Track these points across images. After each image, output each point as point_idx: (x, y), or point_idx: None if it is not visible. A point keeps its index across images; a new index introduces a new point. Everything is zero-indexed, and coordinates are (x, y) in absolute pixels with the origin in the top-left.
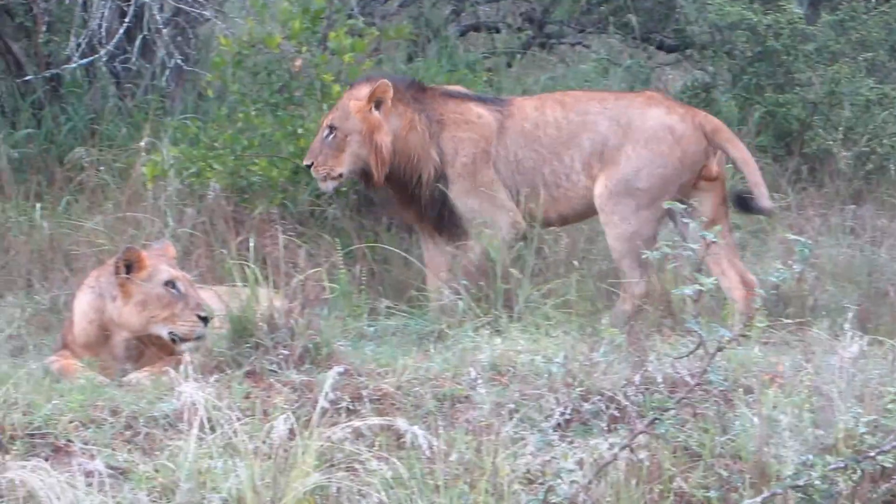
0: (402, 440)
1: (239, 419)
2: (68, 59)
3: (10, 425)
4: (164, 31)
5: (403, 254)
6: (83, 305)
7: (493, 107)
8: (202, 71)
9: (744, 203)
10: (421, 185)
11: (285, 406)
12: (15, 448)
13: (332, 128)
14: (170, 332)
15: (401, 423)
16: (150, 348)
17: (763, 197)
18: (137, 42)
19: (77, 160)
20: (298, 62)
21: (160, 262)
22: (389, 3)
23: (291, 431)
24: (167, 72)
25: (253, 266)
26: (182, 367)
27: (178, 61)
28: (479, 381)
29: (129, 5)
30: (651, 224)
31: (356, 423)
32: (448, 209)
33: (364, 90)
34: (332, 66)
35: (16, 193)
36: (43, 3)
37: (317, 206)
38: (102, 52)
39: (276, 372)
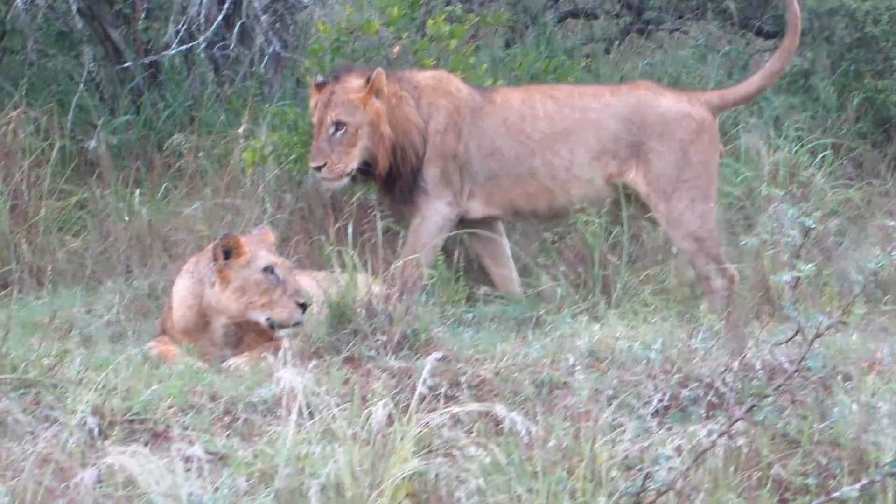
0: (501, 426)
1: (337, 405)
2: (167, 46)
3: (109, 411)
4: (263, 17)
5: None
6: (182, 291)
7: (475, 89)
8: (300, 57)
9: None
10: (408, 156)
11: (384, 392)
12: (114, 433)
13: (339, 123)
14: (268, 318)
15: (499, 409)
16: (249, 334)
17: None
18: (236, 29)
19: (176, 147)
20: (397, 49)
21: (259, 249)
22: None
23: (390, 417)
24: (266, 58)
25: (352, 252)
26: (281, 353)
27: (277, 48)
28: (578, 368)
29: None
30: (710, 216)
31: (454, 409)
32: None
33: (355, 81)
34: (430, 53)
35: (115, 180)
36: None
37: None
38: (201, 38)
39: (374, 358)
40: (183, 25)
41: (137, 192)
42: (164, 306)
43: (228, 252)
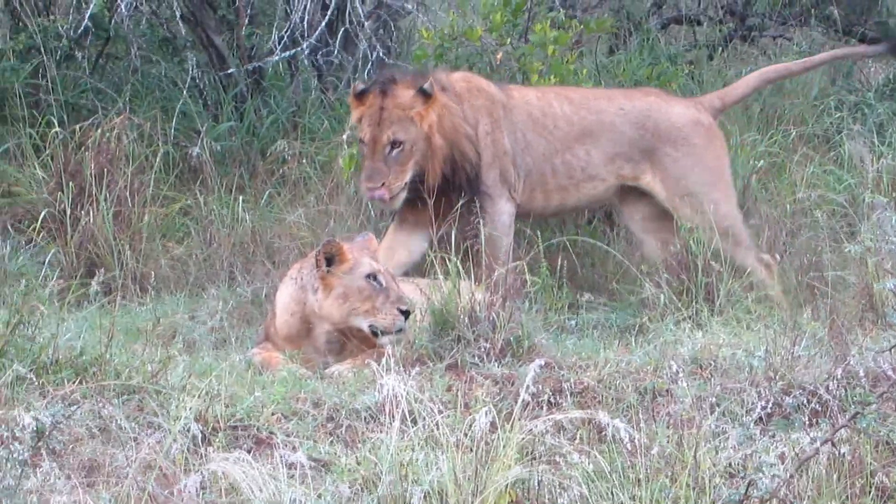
0: (604, 433)
1: (440, 412)
2: (270, 52)
3: (213, 417)
4: (366, 23)
5: (605, 246)
6: (285, 298)
7: (494, 83)
8: (404, 64)
9: None
10: (462, 166)
11: (486, 399)
12: (217, 440)
13: (395, 142)
14: (370, 325)
15: (602, 416)
16: (352, 341)
17: None
18: (339, 35)
19: (279, 153)
20: (499, 55)
21: (362, 255)
22: None
23: (493, 424)
24: (369, 65)
25: (454, 259)
26: (384, 360)
27: (380, 54)
28: (681, 375)
29: None
30: (736, 210)
31: (557, 416)
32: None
33: (407, 92)
34: (533, 59)
35: (218, 186)
36: None
37: None
38: (304, 44)
39: (477, 365)
40: (286, 31)
41: (241, 198)
42: (267, 313)
43: (331, 259)
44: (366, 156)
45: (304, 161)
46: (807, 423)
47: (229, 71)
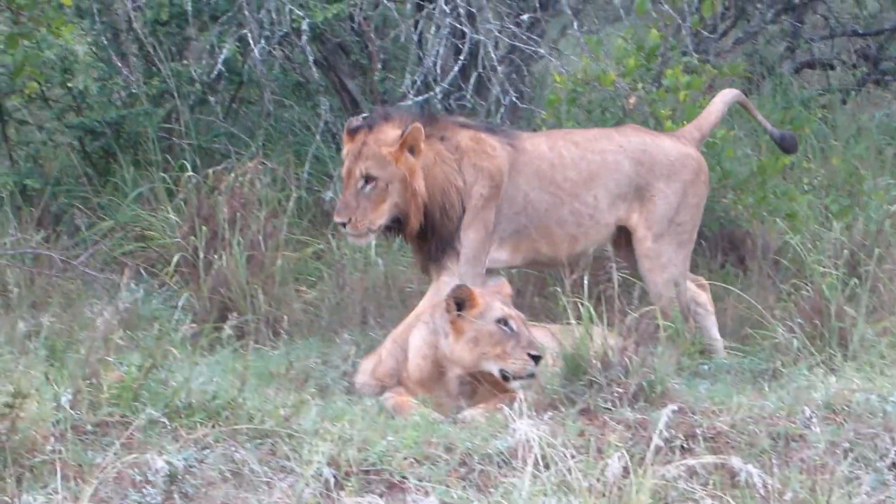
0: (737, 479)
1: (573, 456)
2: (403, 97)
3: (345, 461)
4: (499, 68)
5: (738, 291)
6: (418, 341)
7: (505, 140)
8: (537, 108)
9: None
10: (446, 218)
11: (619, 444)
12: (350, 484)
13: (368, 178)
14: (500, 370)
15: (735, 461)
16: (484, 385)
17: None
18: (472, 79)
19: None
20: (633, 99)
21: (494, 300)
22: (724, 41)
23: (625, 469)
24: (502, 109)
25: (587, 304)
26: (516, 404)
27: (513, 98)
28: (814, 420)
29: (464, 42)
30: (687, 260)
31: (690, 461)
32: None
33: (390, 133)
34: (666, 103)
35: None
36: (378, 41)
37: None
38: (437, 89)
39: (610, 409)
40: (419, 76)
41: (373, 242)
42: (400, 357)
43: (461, 303)
44: (342, 190)
45: None
46: None
47: (362, 115)
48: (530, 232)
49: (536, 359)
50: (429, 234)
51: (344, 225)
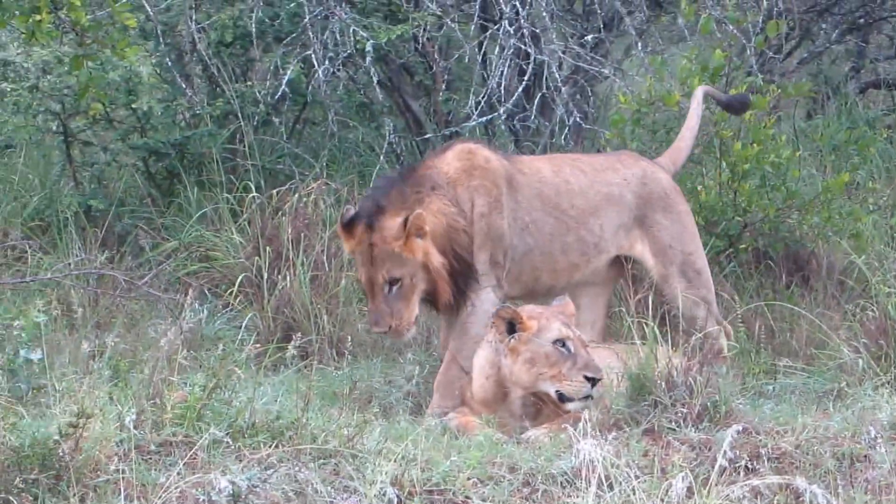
0: (801, 499)
1: (637, 477)
2: (467, 117)
3: (408, 481)
4: (563, 88)
5: (803, 311)
6: (481, 361)
7: (499, 154)
8: (601, 129)
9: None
10: (462, 262)
11: (683, 464)
12: None
13: (392, 280)
14: (557, 391)
15: (799, 482)
16: (548, 405)
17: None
18: (536, 100)
19: None
20: None
21: (553, 320)
22: (788, 61)
23: (689, 490)
24: (566, 129)
25: (651, 324)
26: (580, 425)
27: (577, 119)
28: (879, 440)
29: (528, 63)
30: (710, 278)
31: (754, 481)
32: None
33: (392, 224)
34: (730, 124)
35: None
36: (442, 62)
37: (716, 264)
38: (501, 109)
39: (674, 430)
40: (483, 97)
41: None
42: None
43: (512, 324)
44: (366, 296)
45: None
46: None
47: (426, 136)
48: (534, 257)
49: (593, 381)
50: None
51: (385, 333)
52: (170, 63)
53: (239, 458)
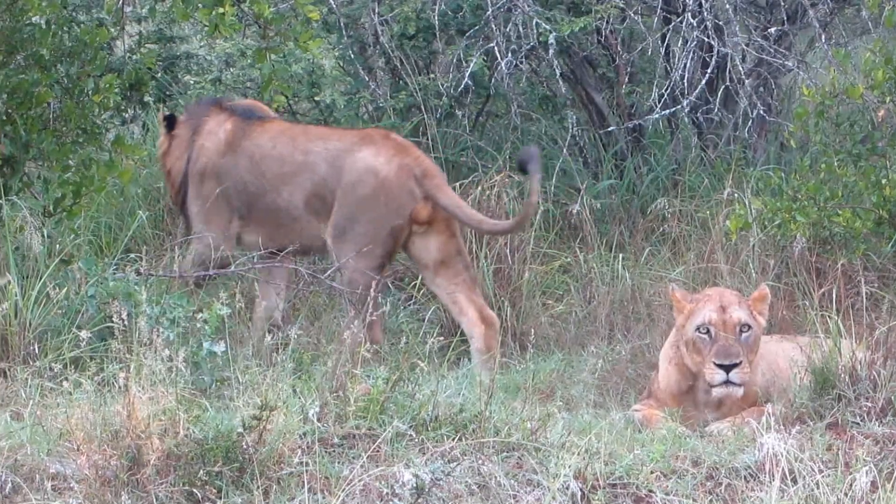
0: None
1: (820, 471)
2: (650, 110)
3: (591, 475)
4: (747, 81)
5: None
6: (667, 351)
7: (245, 122)
8: (784, 122)
9: None
10: None
11: (867, 458)
12: (596, 498)
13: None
14: (705, 379)
15: None
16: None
17: (493, 227)
18: (719, 92)
19: (659, 211)
20: (882, 112)
21: (707, 305)
22: None
23: (873, 484)
24: (749, 122)
25: (835, 317)
26: (763, 418)
27: (761, 112)
28: None
29: (711, 56)
30: (371, 268)
31: None
32: None
33: None
34: None
35: (598, 244)
36: (625, 55)
37: None
38: (685, 102)
39: (858, 424)
40: (666, 90)
41: (620, 256)
42: (654, 370)
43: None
44: None
45: (683, 219)
46: None
47: (609, 129)
48: (248, 214)
49: (727, 368)
50: None
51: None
52: (352, 55)
53: (422, 451)
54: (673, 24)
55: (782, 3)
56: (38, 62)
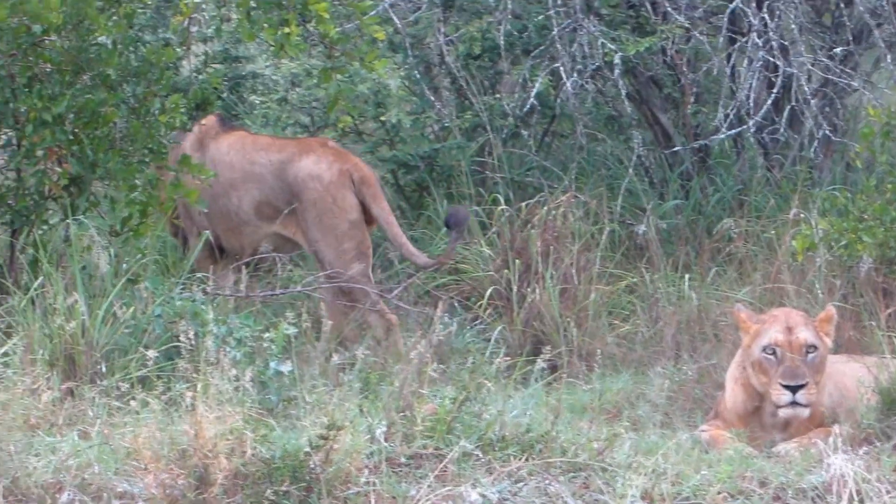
0: None
1: (888, 492)
2: (716, 130)
3: (658, 495)
4: (812, 101)
5: None
6: (734, 371)
7: (220, 128)
8: (850, 142)
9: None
10: None
11: None
12: None
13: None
14: (771, 399)
15: None
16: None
17: (410, 255)
18: (785, 112)
19: (725, 231)
20: None
21: (773, 326)
22: None
23: None
24: (815, 142)
25: None
26: (831, 439)
27: (827, 132)
28: None
29: (777, 76)
30: (354, 260)
31: None
32: None
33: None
34: None
35: (665, 264)
36: (691, 74)
37: None
38: (750, 122)
39: None
40: (732, 109)
41: (687, 276)
42: (721, 390)
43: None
44: None
45: (750, 239)
46: None
47: (675, 149)
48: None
49: (793, 389)
50: None
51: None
52: (418, 75)
53: (489, 471)
54: (738, 44)
55: (848, 24)
56: (104, 82)
